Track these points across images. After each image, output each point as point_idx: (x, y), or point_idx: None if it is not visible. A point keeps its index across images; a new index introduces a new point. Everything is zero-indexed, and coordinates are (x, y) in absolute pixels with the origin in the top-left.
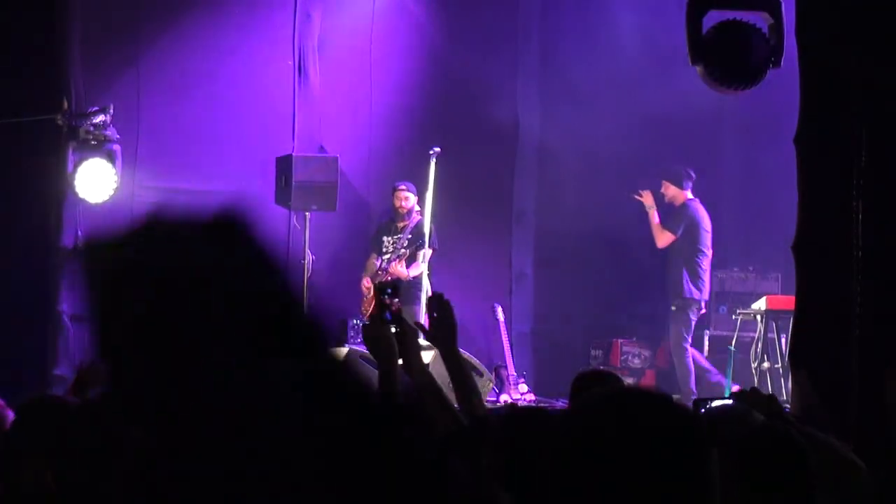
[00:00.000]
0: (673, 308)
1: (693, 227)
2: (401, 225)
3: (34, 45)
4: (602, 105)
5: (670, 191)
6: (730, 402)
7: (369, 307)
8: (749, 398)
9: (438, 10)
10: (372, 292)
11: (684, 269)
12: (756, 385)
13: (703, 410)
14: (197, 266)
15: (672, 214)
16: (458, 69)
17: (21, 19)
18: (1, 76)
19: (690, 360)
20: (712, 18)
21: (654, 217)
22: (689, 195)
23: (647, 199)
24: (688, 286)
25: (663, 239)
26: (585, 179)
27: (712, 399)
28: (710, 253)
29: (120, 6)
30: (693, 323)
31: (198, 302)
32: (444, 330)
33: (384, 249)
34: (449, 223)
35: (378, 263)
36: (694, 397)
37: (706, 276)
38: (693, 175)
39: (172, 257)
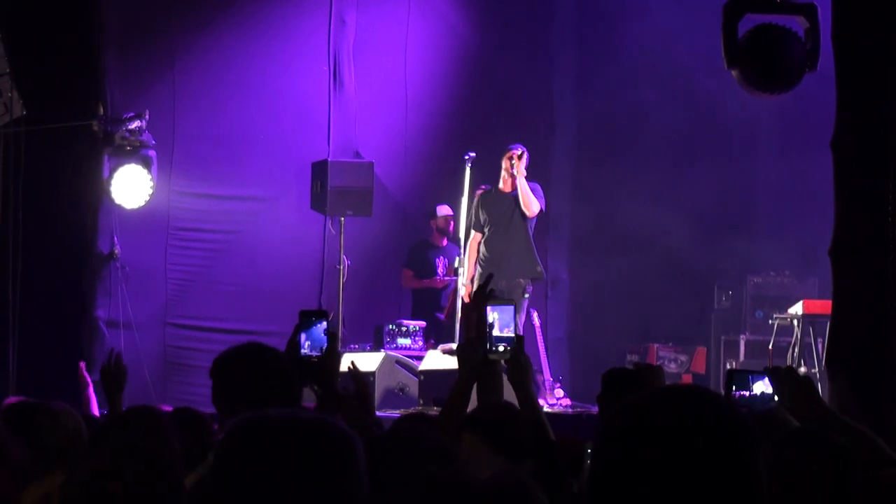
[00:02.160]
0: (526, 296)
1: (540, 211)
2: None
3: (70, 52)
4: (639, 109)
5: (522, 163)
6: (764, 379)
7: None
8: (785, 377)
9: (473, 14)
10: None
11: (535, 249)
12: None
13: (736, 393)
14: None
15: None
16: (493, 73)
17: (57, 26)
18: (37, 83)
19: None
20: (748, 22)
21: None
22: None
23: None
24: (541, 266)
25: (537, 207)
26: (622, 184)
27: (747, 372)
28: None
29: (155, 12)
30: None
31: None
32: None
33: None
34: None
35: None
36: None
37: None
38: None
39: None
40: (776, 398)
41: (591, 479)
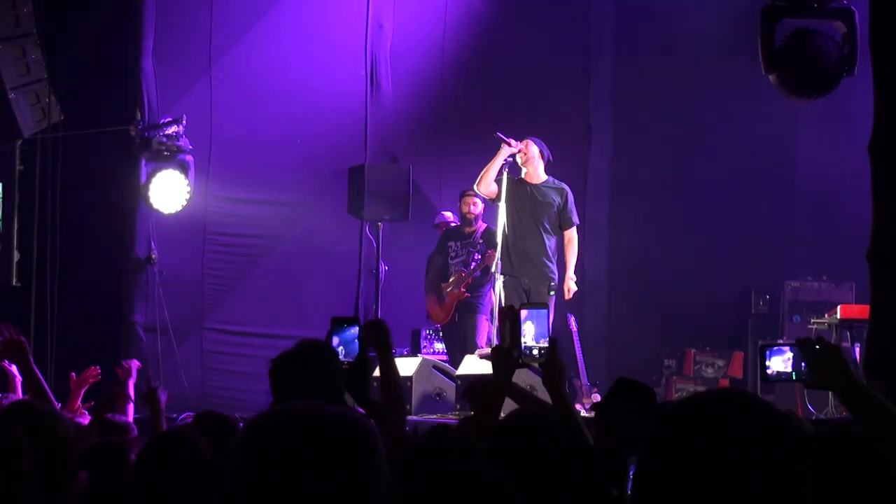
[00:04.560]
0: (552, 293)
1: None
2: (468, 230)
3: (108, 58)
4: (677, 110)
5: (534, 152)
6: (784, 353)
7: (446, 313)
8: (814, 348)
9: (510, 18)
10: (450, 298)
11: (553, 256)
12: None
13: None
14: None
15: (551, 188)
16: (530, 76)
17: (95, 32)
18: (75, 88)
19: None
20: (784, 27)
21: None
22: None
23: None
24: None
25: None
26: (659, 188)
27: (777, 344)
28: None
29: (193, 18)
30: None
31: None
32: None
33: (452, 254)
34: None
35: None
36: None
37: None
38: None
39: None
40: (801, 373)
41: (641, 476)
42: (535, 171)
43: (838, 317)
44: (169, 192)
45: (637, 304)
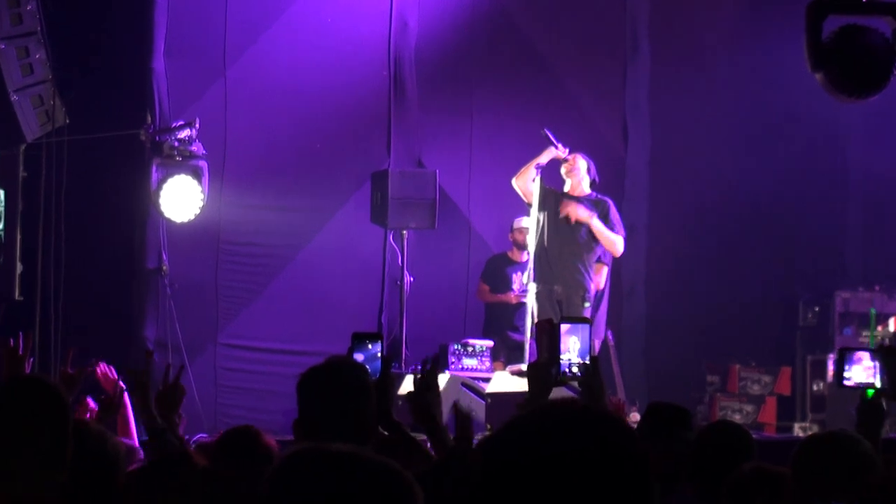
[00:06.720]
0: (587, 304)
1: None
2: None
3: (117, 58)
4: (717, 116)
5: (581, 166)
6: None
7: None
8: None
9: (540, 15)
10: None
11: (590, 267)
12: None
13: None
14: None
15: (591, 202)
16: (562, 76)
17: (103, 31)
18: (81, 90)
19: None
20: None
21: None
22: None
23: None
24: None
25: (621, 246)
26: (699, 195)
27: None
28: None
29: (207, 16)
30: None
31: None
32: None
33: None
34: None
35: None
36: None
37: None
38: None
39: None
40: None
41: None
42: (579, 185)
43: (891, 329)
44: (181, 199)
45: (677, 315)
